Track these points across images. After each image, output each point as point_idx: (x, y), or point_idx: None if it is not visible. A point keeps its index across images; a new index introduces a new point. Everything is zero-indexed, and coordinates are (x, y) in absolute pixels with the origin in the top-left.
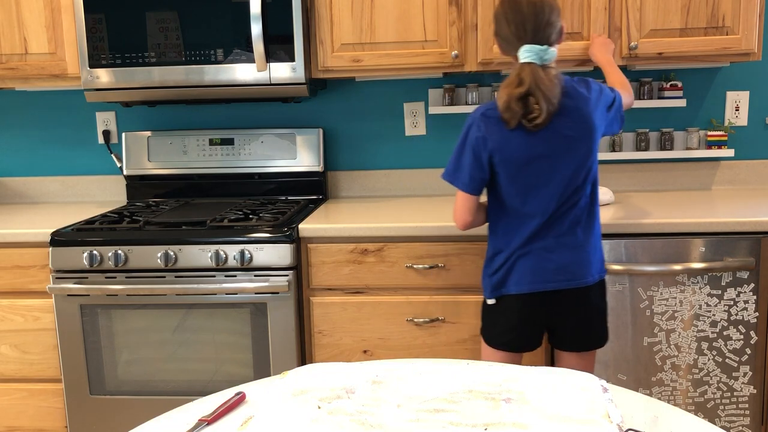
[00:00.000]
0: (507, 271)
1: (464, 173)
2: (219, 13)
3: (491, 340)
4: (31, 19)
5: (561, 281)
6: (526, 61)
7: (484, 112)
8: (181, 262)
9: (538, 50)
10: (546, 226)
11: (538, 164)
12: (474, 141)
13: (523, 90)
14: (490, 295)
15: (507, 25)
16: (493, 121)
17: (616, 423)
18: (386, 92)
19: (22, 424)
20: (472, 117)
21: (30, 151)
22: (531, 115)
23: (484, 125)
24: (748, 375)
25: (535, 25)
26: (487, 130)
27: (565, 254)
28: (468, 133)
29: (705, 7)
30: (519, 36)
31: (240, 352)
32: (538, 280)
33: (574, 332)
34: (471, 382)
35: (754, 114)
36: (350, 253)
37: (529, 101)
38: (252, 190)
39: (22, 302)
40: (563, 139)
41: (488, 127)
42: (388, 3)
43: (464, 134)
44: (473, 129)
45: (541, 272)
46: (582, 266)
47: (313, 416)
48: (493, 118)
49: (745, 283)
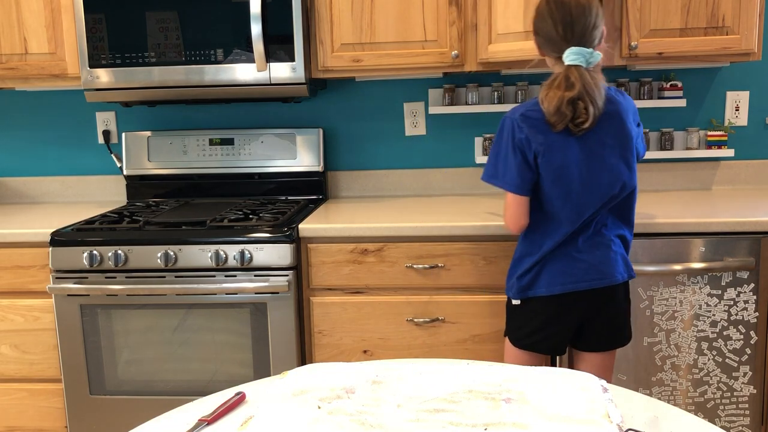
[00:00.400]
0: (537, 273)
1: (513, 174)
2: (219, 13)
3: (518, 341)
4: (31, 19)
5: (592, 280)
6: (573, 64)
7: (524, 112)
8: (181, 262)
9: (586, 53)
10: (578, 229)
11: (579, 169)
12: (519, 142)
13: (574, 94)
14: (517, 296)
15: (554, 25)
16: (536, 123)
17: (616, 423)
18: (386, 92)
19: (22, 424)
20: (511, 118)
21: (30, 151)
22: (578, 120)
23: (527, 126)
24: (748, 375)
25: (584, 27)
26: (530, 131)
27: (595, 254)
28: (510, 134)
29: (705, 7)
30: (566, 37)
31: (240, 352)
32: (569, 280)
33: (601, 331)
34: (471, 382)
35: (754, 114)
36: (350, 253)
37: (578, 105)
38: (252, 190)
39: (22, 302)
40: (603, 146)
41: (531, 128)
42: (388, 3)
43: (505, 135)
44: (515, 130)
45: (572, 272)
46: (610, 265)
47: (313, 416)
48: (535, 120)
49: (745, 283)
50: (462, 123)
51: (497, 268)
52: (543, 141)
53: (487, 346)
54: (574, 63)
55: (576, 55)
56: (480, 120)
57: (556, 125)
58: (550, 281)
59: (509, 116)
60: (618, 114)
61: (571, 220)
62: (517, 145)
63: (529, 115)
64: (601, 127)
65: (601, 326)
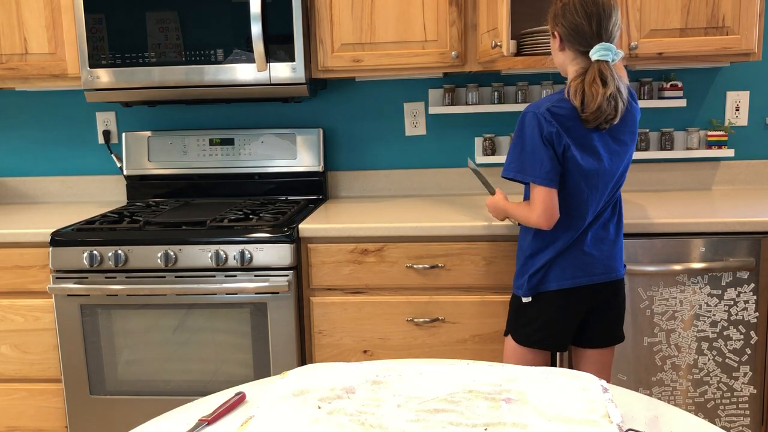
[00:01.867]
0: (548, 269)
1: (546, 167)
2: (219, 13)
3: (523, 339)
4: (31, 19)
5: (601, 274)
6: (603, 60)
7: (550, 107)
8: (181, 262)
9: (613, 49)
10: (589, 224)
11: (601, 164)
12: (548, 135)
13: (612, 90)
14: (527, 293)
15: (587, 18)
16: (564, 118)
17: (616, 423)
18: (386, 92)
19: (22, 424)
20: (535, 113)
21: (30, 151)
22: (609, 116)
23: (556, 121)
24: (748, 375)
25: (613, 23)
26: (561, 126)
27: (603, 248)
28: (536, 128)
29: (705, 7)
30: (598, 32)
31: (240, 352)
32: (579, 274)
33: (605, 327)
34: (471, 382)
35: (754, 114)
36: (350, 253)
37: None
38: (252, 190)
39: (22, 302)
40: (619, 143)
41: (561, 122)
42: (388, 3)
43: (529, 129)
44: (543, 123)
45: (583, 266)
46: (615, 260)
47: (313, 416)
48: (563, 116)
49: (745, 283)
50: (462, 123)
51: (497, 268)
52: (572, 136)
53: (487, 346)
54: (603, 58)
55: (606, 51)
56: (480, 120)
57: (594, 122)
58: (560, 276)
59: (532, 111)
60: (631, 113)
61: (587, 214)
62: (546, 138)
63: (556, 110)
64: (619, 125)
65: (604, 321)
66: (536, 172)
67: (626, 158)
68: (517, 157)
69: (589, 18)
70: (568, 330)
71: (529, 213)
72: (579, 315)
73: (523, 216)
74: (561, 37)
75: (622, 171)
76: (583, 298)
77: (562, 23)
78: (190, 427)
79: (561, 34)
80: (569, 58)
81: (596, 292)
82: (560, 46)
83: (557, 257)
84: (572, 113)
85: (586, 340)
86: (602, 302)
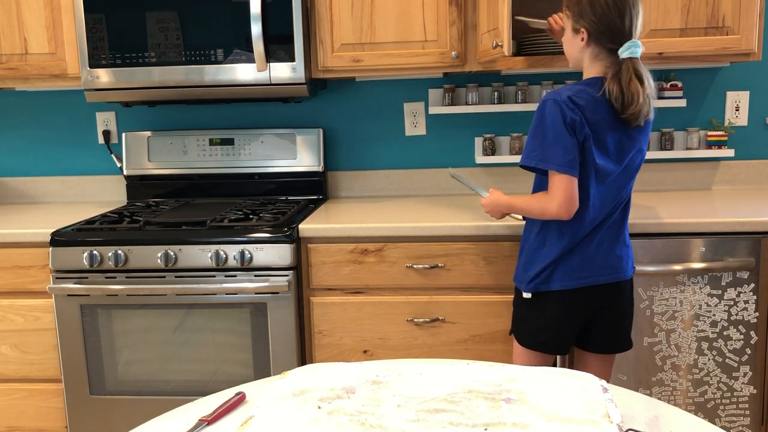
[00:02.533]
0: (554, 268)
1: (568, 155)
2: (219, 13)
3: (525, 340)
4: (31, 19)
5: (606, 275)
6: (635, 57)
7: (571, 96)
8: (181, 262)
9: (640, 45)
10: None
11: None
12: (571, 122)
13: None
14: (528, 288)
15: (620, 15)
16: (586, 110)
17: (616, 423)
18: (386, 92)
19: (22, 424)
20: (556, 100)
21: (30, 151)
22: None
23: (579, 110)
24: (748, 375)
25: (640, 17)
26: (584, 116)
27: (611, 249)
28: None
29: (705, 7)
30: (630, 30)
31: (240, 352)
32: (585, 274)
33: (607, 330)
34: (471, 382)
35: (754, 114)
36: (350, 253)
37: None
38: (252, 190)
39: (22, 302)
40: (634, 142)
41: (584, 113)
42: (388, 3)
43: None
44: (566, 110)
45: (589, 266)
46: (621, 260)
47: (313, 416)
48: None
49: (745, 283)
50: (462, 123)
51: (497, 268)
52: (593, 127)
53: (487, 346)
54: (634, 56)
55: (637, 48)
56: (480, 120)
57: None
58: (564, 276)
59: (553, 98)
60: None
61: (596, 211)
62: (569, 125)
63: (577, 100)
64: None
65: (608, 324)
66: (559, 159)
67: (639, 159)
68: (538, 145)
69: (623, 15)
70: (571, 331)
71: (548, 202)
72: (583, 316)
73: (539, 206)
74: (588, 33)
75: (633, 172)
76: (588, 299)
77: (592, 19)
78: (190, 427)
79: (589, 30)
80: (591, 54)
81: (601, 293)
82: (586, 42)
83: (563, 256)
84: (592, 105)
85: (590, 344)
86: (607, 304)
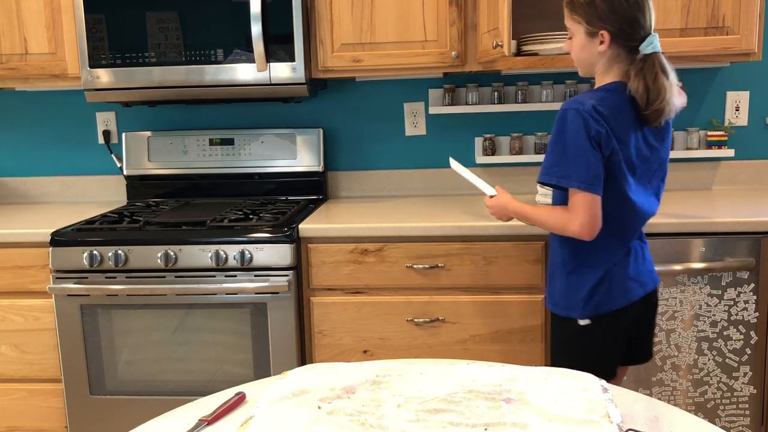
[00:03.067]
0: (609, 284)
1: (591, 171)
2: (219, 13)
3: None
4: (31, 19)
5: (648, 283)
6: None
7: (595, 105)
8: (181, 262)
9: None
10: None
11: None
12: (597, 135)
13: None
14: (585, 314)
15: (640, 10)
16: (611, 115)
17: (616, 423)
18: (386, 92)
19: (22, 424)
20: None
21: (30, 151)
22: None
23: (604, 120)
24: (748, 375)
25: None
26: (609, 125)
27: (644, 255)
28: (582, 127)
29: (705, 7)
30: (650, 23)
31: (240, 352)
32: (635, 286)
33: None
34: (471, 382)
35: (754, 114)
36: (350, 253)
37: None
38: (252, 190)
39: (22, 302)
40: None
41: (608, 122)
42: (388, 3)
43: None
44: (590, 122)
45: (637, 277)
46: (652, 264)
47: (313, 416)
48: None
49: (745, 283)
50: (462, 123)
51: (497, 268)
52: (621, 135)
53: (487, 346)
54: (657, 49)
55: (657, 40)
56: (480, 120)
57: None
58: (624, 289)
59: (575, 108)
60: None
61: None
62: (594, 138)
63: (602, 109)
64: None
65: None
66: (582, 176)
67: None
68: (559, 160)
69: (642, 9)
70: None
71: (568, 221)
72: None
73: (557, 223)
74: (611, 34)
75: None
76: (633, 312)
77: (613, 21)
78: (190, 427)
79: (612, 31)
80: (610, 57)
81: (642, 303)
82: (608, 44)
83: (614, 270)
84: (617, 113)
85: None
86: (648, 313)
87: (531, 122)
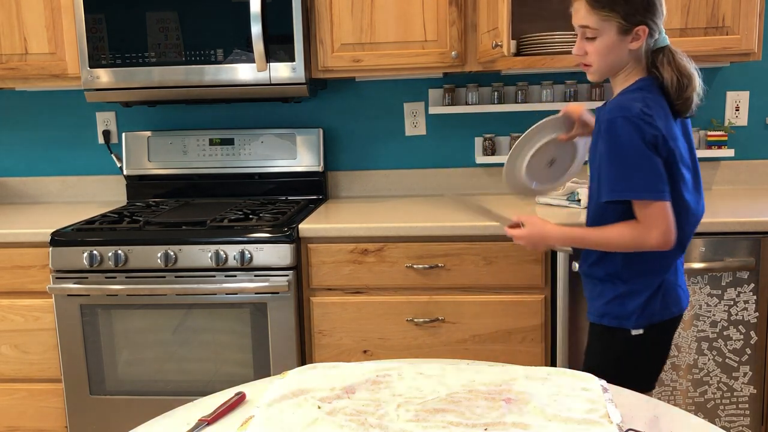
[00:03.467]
0: (664, 293)
1: (656, 177)
2: (219, 13)
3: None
4: (31, 19)
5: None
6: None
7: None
8: (181, 262)
9: None
10: None
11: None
12: (652, 138)
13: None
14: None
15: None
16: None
17: (616, 423)
18: (386, 92)
19: (22, 424)
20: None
21: (30, 151)
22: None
23: (654, 121)
24: (748, 375)
25: None
26: (661, 126)
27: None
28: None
29: (705, 7)
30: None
31: (240, 352)
32: (684, 292)
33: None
34: (471, 382)
35: (754, 114)
36: (350, 253)
37: None
38: (252, 190)
39: (22, 302)
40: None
41: (660, 122)
42: (388, 3)
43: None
44: (644, 126)
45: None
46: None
47: (313, 416)
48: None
49: (745, 283)
50: (462, 123)
51: (497, 268)
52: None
53: (487, 346)
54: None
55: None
56: (480, 120)
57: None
58: (676, 298)
59: (622, 116)
60: None
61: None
62: (650, 143)
63: (650, 111)
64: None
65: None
66: (650, 186)
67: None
68: (621, 174)
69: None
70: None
71: (644, 235)
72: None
73: (632, 241)
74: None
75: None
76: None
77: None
78: (190, 427)
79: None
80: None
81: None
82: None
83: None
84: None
85: None
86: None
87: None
